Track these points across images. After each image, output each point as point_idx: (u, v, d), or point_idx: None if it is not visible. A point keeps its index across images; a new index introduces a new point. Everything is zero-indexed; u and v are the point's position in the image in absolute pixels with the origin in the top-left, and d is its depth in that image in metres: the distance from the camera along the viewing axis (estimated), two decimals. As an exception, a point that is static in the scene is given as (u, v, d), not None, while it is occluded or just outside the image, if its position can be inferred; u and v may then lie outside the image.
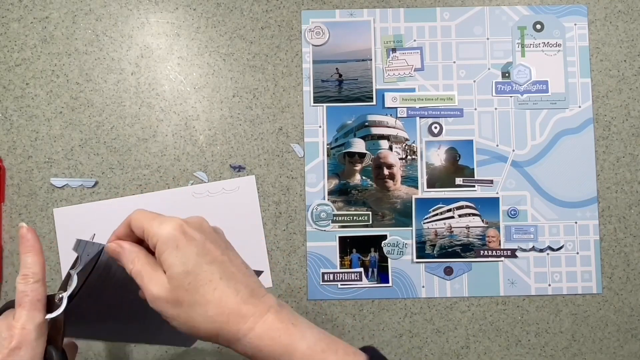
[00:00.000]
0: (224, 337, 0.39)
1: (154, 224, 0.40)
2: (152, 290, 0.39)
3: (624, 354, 0.67)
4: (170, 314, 0.39)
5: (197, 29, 0.69)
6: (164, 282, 0.39)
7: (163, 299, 0.39)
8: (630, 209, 0.68)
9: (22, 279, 0.42)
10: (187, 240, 0.39)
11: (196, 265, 0.39)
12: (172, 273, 0.39)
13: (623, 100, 0.69)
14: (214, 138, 0.68)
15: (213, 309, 0.38)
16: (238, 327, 0.38)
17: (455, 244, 0.68)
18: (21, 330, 0.40)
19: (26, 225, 0.43)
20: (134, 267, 0.40)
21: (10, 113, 0.67)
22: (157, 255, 0.40)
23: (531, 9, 0.70)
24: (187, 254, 0.39)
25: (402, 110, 0.69)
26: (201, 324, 0.38)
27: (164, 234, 0.39)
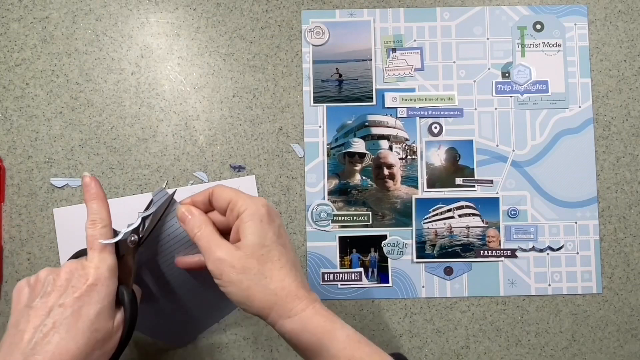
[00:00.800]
0: (277, 311, 0.42)
1: (242, 196, 0.45)
2: (218, 253, 0.43)
3: (624, 354, 0.67)
4: (231, 279, 0.42)
5: (197, 29, 0.69)
6: (232, 249, 0.43)
7: (228, 263, 0.42)
8: (630, 209, 0.68)
9: (90, 225, 0.45)
10: (269, 219, 0.44)
11: (272, 242, 0.43)
12: (250, 241, 0.43)
13: (623, 100, 0.69)
14: (214, 138, 0.68)
15: (275, 284, 0.42)
16: (292, 306, 0.42)
17: (455, 244, 0.68)
18: (95, 269, 0.43)
19: (89, 175, 0.47)
20: (201, 232, 0.45)
21: (10, 113, 0.67)
22: (239, 224, 0.44)
23: (531, 9, 0.70)
24: (267, 230, 0.43)
25: (402, 110, 0.69)
26: (260, 293, 0.42)
27: (252, 206, 0.44)
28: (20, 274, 0.65)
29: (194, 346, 0.66)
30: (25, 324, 0.40)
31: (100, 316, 0.41)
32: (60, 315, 0.40)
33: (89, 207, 0.46)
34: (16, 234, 0.66)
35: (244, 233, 0.43)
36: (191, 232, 0.45)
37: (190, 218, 0.46)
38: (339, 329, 0.43)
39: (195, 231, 0.45)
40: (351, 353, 0.43)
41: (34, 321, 0.40)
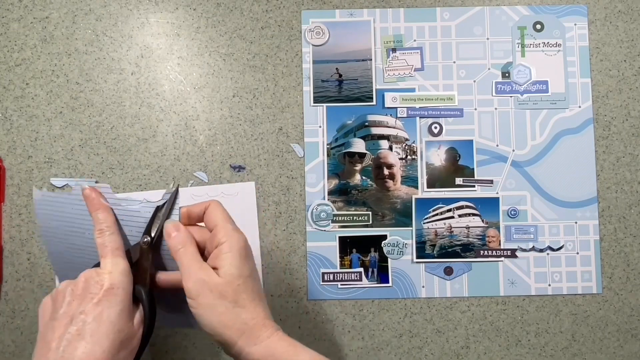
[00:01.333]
0: (244, 340, 0.44)
1: (227, 226, 0.47)
2: (200, 275, 0.45)
3: (624, 354, 0.67)
4: (208, 302, 0.44)
5: (197, 29, 0.69)
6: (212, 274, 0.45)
7: (207, 287, 0.44)
8: (630, 209, 0.68)
9: (98, 234, 0.47)
10: (247, 254, 0.47)
11: (247, 276, 0.46)
12: (228, 272, 0.45)
13: (623, 100, 0.69)
14: (214, 138, 0.68)
15: (247, 314, 0.45)
16: (259, 334, 0.45)
17: (455, 244, 0.68)
18: (109, 274, 0.45)
19: (87, 187, 0.49)
20: (184, 249, 0.46)
21: (10, 113, 0.67)
22: (218, 253, 0.46)
23: (531, 9, 0.70)
24: (244, 264, 0.46)
25: (402, 110, 0.69)
26: (232, 321, 0.44)
27: (233, 240, 0.46)
28: (20, 274, 0.65)
29: (194, 346, 0.66)
30: (52, 334, 0.42)
31: (120, 318, 0.43)
32: (82, 323, 0.42)
33: (95, 218, 0.48)
34: (16, 234, 0.66)
35: (222, 263, 0.45)
36: (174, 248, 0.47)
37: (175, 235, 0.47)
38: (302, 352, 0.45)
39: (179, 247, 0.46)
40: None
41: (58, 331, 0.42)
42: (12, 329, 0.65)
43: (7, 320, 0.65)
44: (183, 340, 0.66)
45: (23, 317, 0.65)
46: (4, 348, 0.65)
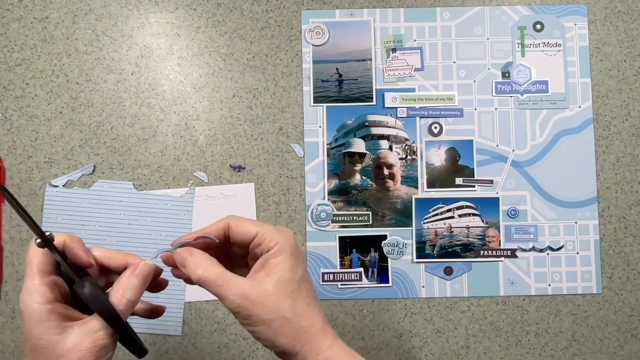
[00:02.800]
0: (307, 349, 0.41)
1: (269, 229, 0.42)
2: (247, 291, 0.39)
3: (624, 354, 0.67)
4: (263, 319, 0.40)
5: (197, 29, 0.69)
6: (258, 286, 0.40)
7: (258, 302, 0.39)
8: (630, 209, 0.68)
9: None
10: (298, 253, 0.42)
11: (301, 278, 0.41)
12: (282, 278, 0.40)
13: (623, 100, 0.69)
14: (214, 138, 0.68)
15: (306, 321, 0.41)
16: (321, 343, 0.41)
17: (455, 244, 0.68)
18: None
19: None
20: (209, 272, 0.40)
21: (10, 113, 0.67)
22: (268, 257, 0.41)
23: (531, 9, 0.70)
24: (297, 264, 0.41)
25: (402, 110, 0.69)
26: (293, 332, 0.40)
27: (282, 240, 0.41)
28: (20, 274, 0.65)
29: (194, 346, 0.66)
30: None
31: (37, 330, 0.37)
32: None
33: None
34: (16, 234, 0.66)
35: (274, 268, 0.41)
36: (194, 273, 0.41)
37: (190, 259, 0.41)
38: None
39: (200, 272, 0.40)
40: None
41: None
42: (12, 329, 0.65)
43: (7, 320, 0.65)
44: (183, 340, 0.66)
45: (23, 317, 0.65)
46: (4, 348, 0.65)
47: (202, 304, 0.66)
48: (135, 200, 0.66)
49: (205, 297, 0.66)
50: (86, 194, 0.66)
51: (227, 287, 0.40)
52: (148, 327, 0.65)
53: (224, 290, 0.40)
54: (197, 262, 0.41)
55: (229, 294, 0.40)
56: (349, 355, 0.42)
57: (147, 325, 0.65)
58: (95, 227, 0.66)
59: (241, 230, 0.42)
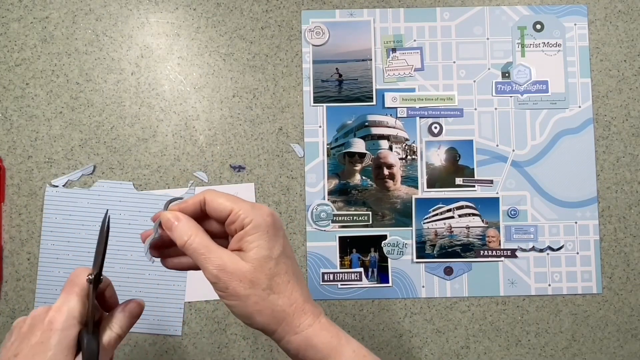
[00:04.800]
0: (284, 327, 0.40)
1: (244, 205, 0.41)
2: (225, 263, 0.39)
3: (624, 354, 0.67)
4: (239, 293, 0.39)
5: (197, 29, 0.69)
6: (238, 260, 0.40)
7: (236, 276, 0.39)
8: (630, 209, 0.68)
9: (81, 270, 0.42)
10: (275, 230, 0.41)
11: (278, 255, 0.41)
12: (257, 254, 0.40)
13: (623, 100, 0.69)
14: (214, 138, 0.68)
15: (284, 299, 0.40)
16: (300, 321, 0.40)
17: (455, 244, 0.68)
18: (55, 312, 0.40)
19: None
20: (193, 240, 0.40)
21: (10, 113, 0.67)
22: (242, 235, 0.40)
23: (531, 9, 0.70)
24: (274, 242, 0.41)
25: (402, 110, 0.69)
26: (269, 309, 0.40)
27: (258, 217, 0.40)
28: (20, 274, 0.65)
29: (194, 346, 0.66)
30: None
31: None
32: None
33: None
34: (16, 234, 0.66)
35: (249, 246, 0.40)
36: (180, 239, 0.41)
37: (177, 224, 0.41)
38: (345, 345, 0.41)
39: (185, 239, 0.41)
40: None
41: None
42: (12, 329, 0.65)
43: (7, 320, 0.65)
44: (183, 340, 0.66)
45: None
46: (4, 348, 0.65)
47: (202, 304, 0.66)
48: (135, 200, 0.66)
49: (205, 297, 0.66)
50: (86, 194, 0.66)
51: (208, 256, 0.40)
52: (148, 327, 0.65)
53: (205, 259, 0.40)
54: (184, 229, 0.41)
55: (209, 264, 0.40)
56: (331, 335, 0.41)
57: (147, 325, 0.65)
58: (95, 227, 0.66)
59: (217, 205, 0.42)
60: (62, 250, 0.65)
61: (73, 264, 0.65)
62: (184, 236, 0.41)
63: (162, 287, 0.66)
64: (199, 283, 0.66)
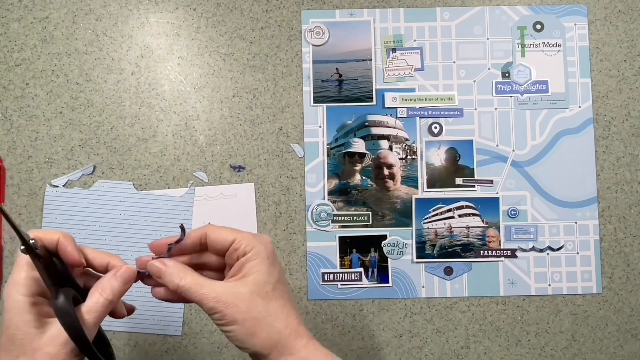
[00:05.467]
0: (279, 350, 0.42)
1: (246, 235, 0.44)
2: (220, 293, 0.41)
3: (624, 354, 0.67)
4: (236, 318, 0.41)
5: (197, 29, 0.69)
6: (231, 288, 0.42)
7: (231, 303, 0.41)
8: (630, 209, 0.68)
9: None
10: (274, 257, 0.44)
11: (277, 281, 0.43)
12: (257, 279, 0.42)
13: (623, 100, 0.69)
14: (214, 138, 0.68)
15: (280, 322, 0.42)
16: (294, 343, 0.42)
17: (455, 244, 0.68)
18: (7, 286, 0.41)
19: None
20: (185, 281, 0.42)
21: (10, 113, 0.67)
22: (244, 262, 0.43)
23: (531, 9, 0.70)
24: (274, 268, 0.43)
25: (402, 110, 0.69)
26: (265, 332, 0.41)
27: (259, 245, 0.43)
28: (20, 274, 0.65)
29: (194, 346, 0.66)
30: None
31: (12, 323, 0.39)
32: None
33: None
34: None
35: (250, 270, 0.42)
36: (172, 283, 0.42)
37: (166, 269, 0.43)
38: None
39: (177, 281, 0.42)
40: None
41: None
42: (12, 329, 0.65)
43: (7, 320, 0.65)
44: (183, 340, 0.66)
45: (23, 317, 0.65)
46: (4, 348, 0.65)
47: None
48: (135, 200, 0.66)
49: (205, 297, 0.66)
50: (86, 194, 0.66)
51: (202, 292, 0.42)
52: (148, 327, 0.65)
53: (200, 294, 0.42)
54: (172, 272, 0.43)
55: (204, 299, 0.41)
56: (324, 354, 0.43)
57: (147, 325, 0.65)
58: (95, 227, 0.66)
59: (219, 237, 0.44)
60: (62, 250, 0.65)
61: (73, 264, 0.65)
62: (175, 280, 0.43)
63: (162, 287, 0.66)
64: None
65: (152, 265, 0.44)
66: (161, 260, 0.44)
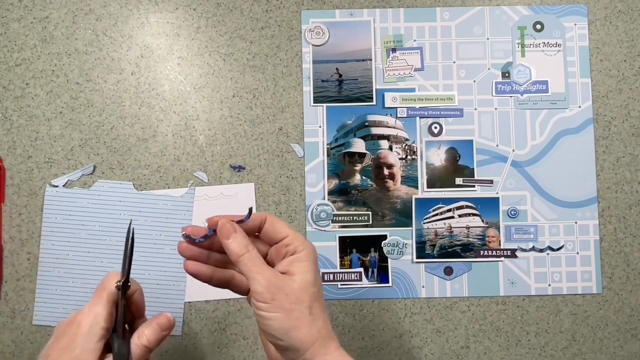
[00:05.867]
0: (315, 349, 0.43)
1: (300, 235, 0.46)
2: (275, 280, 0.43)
3: (624, 354, 0.67)
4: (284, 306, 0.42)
5: (197, 29, 0.69)
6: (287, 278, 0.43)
7: (284, 290, 0.42)
8: (630, 209, 0.68)
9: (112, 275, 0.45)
10: (318, 264, 0.46)
11: (320, 285, 0.45)
12: (305, 279, 0.43)
13: (623, 100, 0.69)
14: (214, 138, 0.68)
15: (319, 322, 0.43)
16: (328, 345, 0.43)
17: (455, 244, 0.68)
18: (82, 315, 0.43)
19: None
20: (250, 253, 0.44)
21: (10, 113, 0.67)
22: (293, 260, 0.44)
23: (531, 9, 0.70)
24: (318, 273, 0.45)
25: (402, 110, 0.69)
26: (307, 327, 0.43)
27: (310, 247, 0.45)
28: (20, 274, 0.65)
29: (194, 346, 0.66)
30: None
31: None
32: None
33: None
34: (16, 234, 0.66)
35: (299, 270, 0.44)
36: (235, 252, 0.43)
37: (235, 237, 0.44)
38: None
39: (244, 252, 0.43)
40: None
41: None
42: (12, 328, 0.65)
43: (7, 320, 0.65)
44: (183, 340, 0.66)
45: (23, 317, 0.65)
46: (3, 348, 0.65)
47: (202, 304, 0.66)
48: (135, 200, 0.66)
49: (205, 297, 0.66)
50: (86, 194, 0.66)
51: (259, 269, 0.43)
52: (148, 327, 0.65)
53: (258, 271, 0.43)
54: (242, 241, 0.44)
55: (259, 276, 0.42)
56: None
57: (147, 325, 0.65)
58: (95, 227, 0.66)
59: (277, 227, 0.46)
60: (62, 250, 0.65)
61: (73, 264, 0.65)
62: (242, 248, 0.44)
63: (162, 287, 0.66)
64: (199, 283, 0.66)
65: (224, 225, 0.44)
66: (233, 225, 0.44)
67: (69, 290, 0.65)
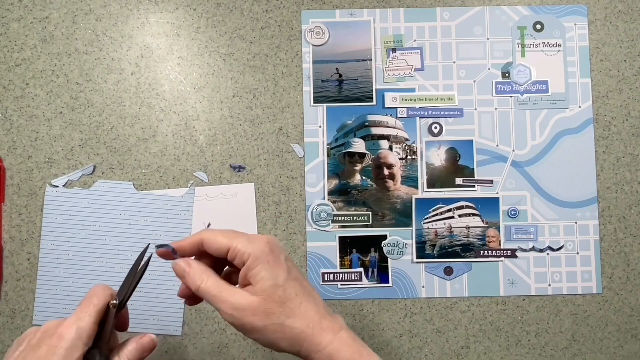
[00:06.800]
0: (307, 347, 0.42)
1: (241, 241, 0.43)
2: (237, 302, 0.41)
3: (624, 354, 0.67)
4: (255, 326, 0.41)
5: (197, 29, 0.69)
6: (248, 296, 0.42)
7: (249, 311, 0.41)
8: (630, 209, 0.68)
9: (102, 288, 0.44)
10: (274, 257, 0.43)
11: (285, 280, 0.42)
12: (264, 286, 0.42)
13: (623, 100, 0.69)
14: (214, 138, 0.68)
15: (300, 322, 0.42)
16: (320, 340, 0.42)
17: (455, 244, 0.68)
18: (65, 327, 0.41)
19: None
20: (206, 283, 0.42)
21: (10, 113, 0.67)
22: (246, 271, 0.42)
23: (531, 9, 0.70)
24: (276, 269, 0.42)
25: (402, 110, 0.69)
26: (288, 335, 0.41)
27: (256, 250, 0.42)
28: (20, 274, 0.65)
29: (194, 346, 0.66)
30: None
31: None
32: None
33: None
34: (16, 234, 0.66)
35: (255, 279, 0.42)
36: (193, 285, 0.43)
37: (189, 270, 0.43)
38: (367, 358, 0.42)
39: (199, 283, 0.43)
40: None
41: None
42: (12, 329, 0.65)
43: (7, 320, 0.65)
44: (183, 340, 0.66)
45: (23, 317, 0.65)
46: (4, 348, 0.65)
47: (202, 304, 0.66)
48: (135, 200, 0.66)
49: (205, 297, 0.66)
50: (86, 194, 0.66)
51: (220, 298, 0.42)
52: (148, 327, 0.65)
53: (219, 301, 0.42)
54: (196, 274, 0.43)
55: (222, 305, 0.42)
56: (352, 350, 0.42)
57: (147, 325, 0.65)
58: (95, 227, 0.66)
59: (214, 245, 0.43)
60: (62, 250, 0.65)
61: (73, 264, 0.65)
62: (197, 281, 0.43)
63: (162, 287, 0.66)
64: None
65: (177, 265, 0.44)
66: (186, 260, 0.44)
67: (69, 290, 0.65)
